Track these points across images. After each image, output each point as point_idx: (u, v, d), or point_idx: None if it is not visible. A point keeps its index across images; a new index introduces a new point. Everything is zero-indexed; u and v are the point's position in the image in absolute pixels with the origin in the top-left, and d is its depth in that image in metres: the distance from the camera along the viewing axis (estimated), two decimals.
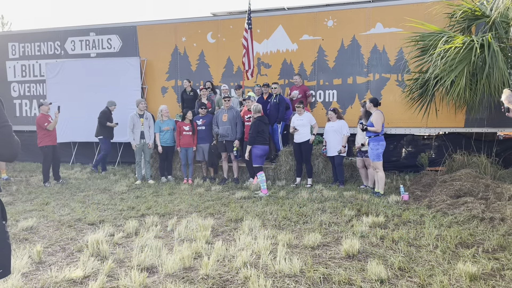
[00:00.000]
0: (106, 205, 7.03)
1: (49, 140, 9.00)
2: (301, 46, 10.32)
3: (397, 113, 9.55)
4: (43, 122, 8.88)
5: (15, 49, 12.74)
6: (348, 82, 10.03)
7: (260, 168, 8.00)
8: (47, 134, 8.94)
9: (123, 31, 11.77)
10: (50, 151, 9.01)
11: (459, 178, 7.09)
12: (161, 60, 11.51)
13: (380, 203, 6.74)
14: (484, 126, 9.11)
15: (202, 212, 6.47)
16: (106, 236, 5.16)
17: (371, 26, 9.74)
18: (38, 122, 8.91)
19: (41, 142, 8.95)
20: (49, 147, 8.99)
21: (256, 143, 7.95)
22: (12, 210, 6.61)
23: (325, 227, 5.51)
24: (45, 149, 8.95)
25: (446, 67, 6.89)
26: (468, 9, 7.61)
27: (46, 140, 8.95)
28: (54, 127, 9.05)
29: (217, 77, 11.06)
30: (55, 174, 9.22)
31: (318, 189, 8.02)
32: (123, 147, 11.67)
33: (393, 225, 5.54)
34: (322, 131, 8.91)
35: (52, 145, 9.06)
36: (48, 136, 8.96)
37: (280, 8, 10.97)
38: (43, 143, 8.95)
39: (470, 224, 5.43)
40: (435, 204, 6.40)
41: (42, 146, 8.96)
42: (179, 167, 9.71)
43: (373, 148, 7.36)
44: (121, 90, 11.26)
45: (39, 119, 8.93)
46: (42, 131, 8.91)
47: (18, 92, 12.78)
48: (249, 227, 5.47)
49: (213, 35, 11.06)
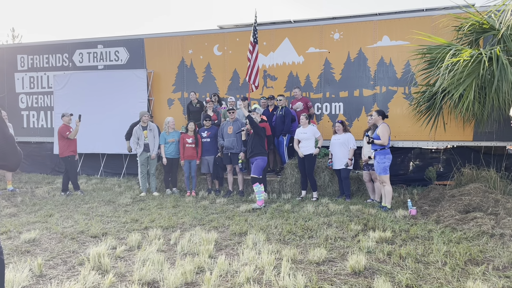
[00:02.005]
0: (110, 217, 6.99)
1: (71, 150, 9.16)
2: (307, 58, 10.32)
3: (404, 126, 9.46)
4: (65, 131, 9.06)
5: (24, 61, 12.88)
6: (354, 95, 9.97)
7: (258, 179, 7.92)
8: (68, 144, 9.09)
9: (130, 44, 11.86)
10: (73, 160, 9.21)
11: (468, 192, 6.96)
12: (167, 72, 11.55)
13: (387, 217, 6.61)
14: (493, 139, 8.98)
15: (206, 225, 6.39)
16: (108, 249, 5.10)
17: (378, 39, 9.71)
18: (60, 132, 9.09)
19: (63, 152, 9.13)
20: (72, 156, 9.17)
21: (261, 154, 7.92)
22: (16, 222, 6.58)
23: (330, 242, 5.40)
24: (67, 159, 9.14)
25: (454, 80, 6.80)
26: (475, 22, 7.55)
27: (68, 151, 9.12)
28: (76, 135, 9.20)
29: (223, 89, 11.07)
30: (74, 184, 9.34)
31: (324, 203, 7.92)
32: (129, 158, 11.66)
33: (400, 240, 5.41)
34: (328, 143, 8.83)
35: (73, 155, 9.23)
36: (69, 146, 9.12)
37: (287, 21, 11.00)
38: (65, 153, 9.12)
39: (480, 240, 5.29)
40: (443, 219, 6.27)
41: (64, 157, 9.13)
42: (183, 179, 9.66)
43: (380, 161, 7.26)
44: (127, 102, 11.31)
45: (61, 128, 9.10)
46: (63, 141, 9.08)
47: (26, 103, 12.87)
48: (253, 241, 5.38)
49: (219, 48, 11.10)
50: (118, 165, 11.88)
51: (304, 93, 10.25)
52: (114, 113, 11.40)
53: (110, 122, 11.40)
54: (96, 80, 11.79)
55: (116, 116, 11.32)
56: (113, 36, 12.19)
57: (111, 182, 10.83)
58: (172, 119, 9.42)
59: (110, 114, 11.44)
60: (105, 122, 11.46)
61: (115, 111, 11.40)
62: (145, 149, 9.21)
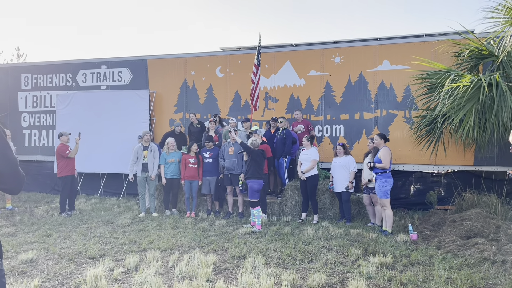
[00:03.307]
0: (108, 238, 6.93)
1: (68, 170, 9.09)
2: (309, 81, 10.41)
3: (405, 150, 9.47)
4: (64, 150, 9.02)
5: (28, 81, 13.01)
6: (355, 118, 10.02)
7: (257, 203, 7.88)
8: (66, 164, 9.04)
9: (133, 64, 12.00)
10: (69, 181, 9.12)
11: (469, 218, 6.91)
12: (170, 92, 11.65)
13: (388, 242, 6.55)
14: (494, 164, 8.97)
15: (204, 247, 6.33)
16: (106, 271, 5.05)
17: (378, 63, 9.82)
18: (58, 151, 9.04)
19: (60, 172, 9.07)
20: (68, 177, 9.10)
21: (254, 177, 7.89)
22: (13, 242, 6.53)
23: (330, 266, 5.34)
24: (64, 179, 9.07)
25: (454, 106, 6.85)
26: (475, 48, 7.65)
27: (65, 170, 9.05)
28: (75, 154, 9.15)
29: (225, 110, 11.14)
30: (70, 204, 9.26)
31: (324, 226, 7.86)
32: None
33: (401, 266, 5.36)
34: (329, 166, 8.83)
35: (71, 175, 9.16)
36: (67, 166, 9.06)
37: (288, 44, 11.15)
38: (62, 173, 9.05)
39: (481, 267, 5.23)
40: (444, 245, 6.21)
41: (61, 177, 9.06)
42: (183, 200, 9.62)
43: (381, 185, 7.25)
44: (129, 122, 11.36)
45: (60, 148, 9.06)
46: (62, 161, 9.03)
47: (28, 122, 12.94)
48: (252, 264, 5.32)
49: (221, 70, 11.22)
50: (118, 185, 11.84)
51: (305, 115, 10.31)
52: (116, 133, 11.45)
53: (111, 142, 11.43)
54: (99, 100, 11.88)
55: (118, 136, 11.36)
56: (117, 57, 12.35)
57: (111, 202, 10.79)
58: (172, 140, 9.44)
59: (112, 134, 11.47)
60: (106, 142, 11.48)
61: (116, 131, 11.45)
62: (144, 169, 9.19)
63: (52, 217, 8.76)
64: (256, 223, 7.68)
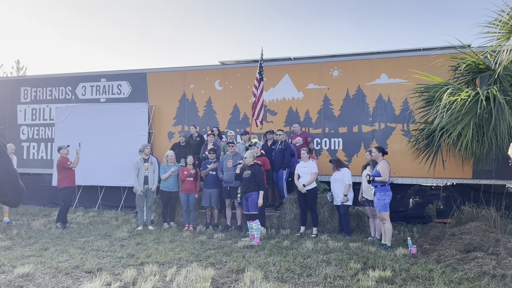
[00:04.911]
0: (106, 251, 6.88)
1: (68, 181, 9.14)
2: (307, 94, 10.47)
3: (403, 163, 9.48)
4: (65, 162, 9.08)
5: (27, 93, 13.04)
6: (353, 131, 10.05)
7: (256, 215, 7.84)
8: (66, 175, 9.09)
9: (133, 78, 12.06)
10: (70, 192, 9.17)
11: (469, 231, 6.88)
12: (169, 105, 11.69)
13: (387, 256, 6.52)
14: (493, 178, 8.97)
15: (203, 261, 6.29)
16: (103, 285, 5.00)
17: (376, 77, 9.89)
18: (60, 163, 9.10)
19: (61, 184, 9.11)
20: (69, 188, 9.14)
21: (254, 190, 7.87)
22: (10, 255, 6.47)
23: (329, 280, 5.30)
24: (64, 190, 9.12)
25: (452, 119, 6.87)
26: (472, 62, 7.70)
27: (65, 182, 9.10)
28: (77, 164, 9.21)
29: (224, 123, 11.17)
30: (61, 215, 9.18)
31: (323, 239, 7.82)
32: (127, 191, 11.60)
33: (400, 280, 5.32)
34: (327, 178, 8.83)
35: (72, 187, 9.21)
36: (67, 177, 9.11)
37: (287, 58, 11.24)
38: (63, 184, 9.09)
39: (481, 281, 5.20)
40: (444, 259, 6.17)
41: (62, 188, 9.11)
42: (182, 213, 9.57)
43: (380, 198, 7.23)
44: (128, 135, 11.37)
45: (61, 160, 9.12)
46: (62, 173, 9.08)
47: (27, 135, 12.94)
48: (250, 279, 5.28)
49: (220, 83, 11.28)
50: (116, 198, 11.81)
51: (303, 128, 10.34)
52: (115, 146, 11.45)
53: (110, 155, 11.42)
54: (98, 112, 11.90)
55: (116, 149, 11.37)
56: (116, 70, 12.41)
57: (109, 215, 10.73)
58: (172, 153, 9.45)
59: (111, 147, 11.47)
60: (104, 155, 11.47)
61: (115, 144, 11.45)
62: (144, 181, 9.18)
63: (50, 231, 8.69)
64: (254, 236, 7.64)
